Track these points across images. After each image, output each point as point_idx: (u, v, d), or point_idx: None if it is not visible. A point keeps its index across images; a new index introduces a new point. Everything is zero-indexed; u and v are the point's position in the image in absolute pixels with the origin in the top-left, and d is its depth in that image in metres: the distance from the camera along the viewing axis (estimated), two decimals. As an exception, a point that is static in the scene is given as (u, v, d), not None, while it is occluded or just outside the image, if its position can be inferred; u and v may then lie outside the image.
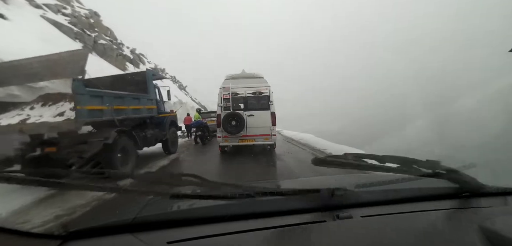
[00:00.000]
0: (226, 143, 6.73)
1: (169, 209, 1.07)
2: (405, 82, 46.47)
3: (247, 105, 6.76)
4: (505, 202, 1.04)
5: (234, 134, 6.50)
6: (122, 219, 0.95)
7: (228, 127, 6.45)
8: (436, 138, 24.68)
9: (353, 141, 11.11)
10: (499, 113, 20.88)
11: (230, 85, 6.72)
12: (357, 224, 0.86)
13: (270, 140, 6.72)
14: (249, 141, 6.69)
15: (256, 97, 6.78)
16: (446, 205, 1.00)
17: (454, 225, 0.86)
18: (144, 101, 6.70)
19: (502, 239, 0.71)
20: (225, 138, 6.65)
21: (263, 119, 6.63)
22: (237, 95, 6.73)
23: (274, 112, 6.68)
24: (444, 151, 18.83)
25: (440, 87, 39.49)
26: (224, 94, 6.63)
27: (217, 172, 5.66)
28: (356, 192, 1.08)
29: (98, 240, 0.81)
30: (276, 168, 5.78)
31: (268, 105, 6.69)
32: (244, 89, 6.81)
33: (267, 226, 0.84)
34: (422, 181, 1.35)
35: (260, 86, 6.86)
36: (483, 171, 1.45)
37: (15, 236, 0.77)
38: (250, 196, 0.97)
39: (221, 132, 6.63)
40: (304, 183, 1.67)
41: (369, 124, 34.77)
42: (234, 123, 6.45)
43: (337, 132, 23.24)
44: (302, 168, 5.63)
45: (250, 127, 6.59)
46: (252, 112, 6.69)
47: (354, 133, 23.87)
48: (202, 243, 0.77)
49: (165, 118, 8.16)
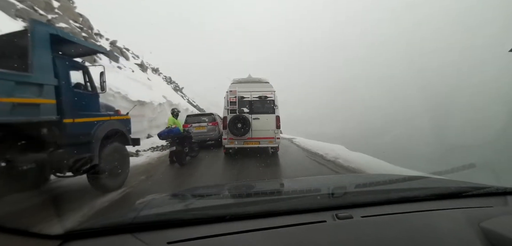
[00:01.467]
0: (231, 145, 6.85)
1: (169, 209, 1.07)
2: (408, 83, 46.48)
3: (253, 109, 6.93)
4: (505, 202, 1.04)
5: (240, 137, 6.67)
6: (122, 219, 0.95)
7: (234, 130, 6.60)
8: (436, 138, 24.71)
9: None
10: (499, 113, 20.88)
11: (237, 89, 6.90)
12: (357, 224, 0.86)
13: (274, 143, 6.87)
14: (254, 144, 6.83)
15: (261, 101, 6.99)
16: (446, 205, 1.00)
17: (454, 225, 0.86)
18: (13, 88, 3.02)
19: (502, 239, 0.71)
20: (230, 140, 6.81)
21: (268, 123, 6.79)
22: (243, 99, 6.90)
23: (278, 115, 6.82)
24: (444, 151, 18.85)
25: (440, 87, 39.52)
26: (231, 98, 6.78)
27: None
28: (356, 192, 1.08)
29: (98, 240, 0.81)
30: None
31: (273, 109, 6.85)
32: (250, 93, 7.00)
33: (267, 226, 0.84)
34: (422, 181, 1.35)
35: (265, 91, 7.00)
36: (483, 171, 1.45)
37: (15, 236, 0.77)
38: (250, 196, 0.97)
39: (227, 134, 6.80)
40: (304, 183, 1.67)
41: (369, 124, 34.82)
42: (240, 125, 6.62)
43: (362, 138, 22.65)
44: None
45: (255, 130, 6.75)
46: (257, 115, 6.81)
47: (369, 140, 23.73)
48: (202, 243, 0.77)
49: (95, 125, 4.17)
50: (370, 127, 33.59)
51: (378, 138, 25.60)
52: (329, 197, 1.01)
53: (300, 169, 6.11)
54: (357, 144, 11.68)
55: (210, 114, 10.27)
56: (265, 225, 0.84)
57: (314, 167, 6.27)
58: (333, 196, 0.99)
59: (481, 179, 1.18)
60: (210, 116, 9.95)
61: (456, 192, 1.08)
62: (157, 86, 18.43)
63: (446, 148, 19.80)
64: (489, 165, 6.13)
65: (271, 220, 0.87)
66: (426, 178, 1.43)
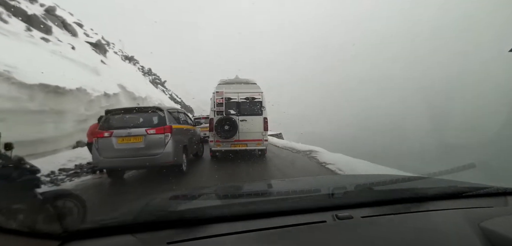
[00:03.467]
0: (218, 147, 6.74)
1: (169, 209, 1.06)
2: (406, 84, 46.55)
3: (240, 110, 6.85)
4: (505, 202, 1.04)
5: (226, 139, 6.57)
6: (122, 219, 0.95)
7: (221, 132, 6.50)
8: (436, 138, 24.73)
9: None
10: (499, 113, 20.90)
11: (224, 90, 6.81)
12: (357, 224, 0.86)
13: (262, 145, 6.80)
14: (241, 146, 6.70)
15: (249, 102, 6.89)
16: (446, 205, 1.00)
17: (454, 225, 0.86)
18: None
19: (502, 239, 0.71)
20: (217, 142, 6.70)
21: (256, 125, 6.70)
22: (230, 100, 6.81)
23: (266, 117, 6.74)
24: (444, 151, 18.86)
25: (441, 87, 39.54)
26: (218, 99, 6.69)
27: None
28: (356, 192, 1.08)
29: (98, 240, 0.81)
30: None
31: (260, 111, 6.76)
32: (237, 94, 6.90)
33: (267, 226, 0.83)
34: (422, 181, 1.35)
35: (253, 92, 6.91)
36: (483, 171, 1.45)
37: (15, 236, 0.77)
38: (250, 196, 0.96)
39: (214, 137, 6.70)
40: (304, 183, 1.67)
41: (370, 125, 34.82)
42: (227, 127, 6.51)
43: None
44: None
45: (242, 132, 6.66)
46: (244, 117, 6.71)
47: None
48: (202, 243, 0.77)
49: None
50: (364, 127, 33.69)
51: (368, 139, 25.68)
52: (329, 197, 1.01)
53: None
54: (340, 145, 11.74)
55: (154, 109, 4.98)
56: (265, 225, 0.84)
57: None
58: (333, 196, 0.99)
59: (481, 179, 1.18)
60: (155, 114, 4.84)
61: (456, 192, 1.08)
62: (113, 72, 14.30)
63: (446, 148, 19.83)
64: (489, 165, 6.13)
65: (271, 220, 0.87)
66: (426, 178, 1.43)
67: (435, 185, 1.25)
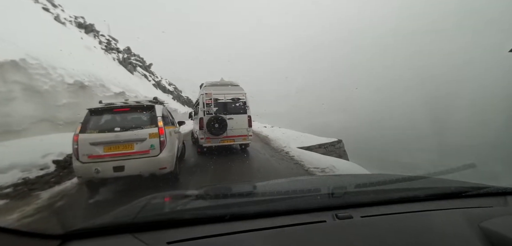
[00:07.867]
0: (209, 144, 7.44)
1: (169, 209, 1.06)
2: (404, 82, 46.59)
3: (227, 110, 7.69)
4: (505, 202, 1.04)
5: (217, 136, 7.35)
6: (122, 219, 0.95)
7: (212, 129, 7.26)
8: (436, 138, 24.74)
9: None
10: (499, 113, 20.90)
11: (212, 92, 7.60)
12: (357, 224, 0.86)
13: (247, 140, 7.78)
14: (229, 141, 7.57)
15: (234, 102, 7.81)
16: (446, 205, 1.00)
17: (454, 225, 0.86)
18: None
19: (502, 239, 0.71)
20: (208, 139, 7.41)
21: (241, 122, 7.61)
22: (218, 101, 7.63)
23: (250, 116, 7.69)
24: (444, 151, 18.85)
25: (441, 87, 39.54)
26: (206, 100, 7.47)
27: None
28: (356, 192, 1.08)
29: (98, 240, 0.81)
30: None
31: (245, 110, 7.68)
32: (224, 95, 7.77)
33: (267, 226, 0.83)
34: (422, 181, 1.35)
35: (237, 93, 7.81)
36: (483, 171, 1.45)
37: (15, 236, 0.77)
38: (249, 196, 0.96)
39: (204, 134, 7.40)
40: (304, 183, 1.67)
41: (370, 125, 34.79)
42: (217, 125, 7.29)
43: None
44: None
45: (230, 129, 7.49)
46: (231, 115, 7.54)
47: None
48: (202, 243, 0.77)
49: None
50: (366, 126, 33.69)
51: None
52: (329, 197, 1.01)
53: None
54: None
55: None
56: (265, 225, 0.83)
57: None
58: (333, 196, 0.99)
59: (481, 179, 1.18)
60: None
61: (456, 192, 1.08)
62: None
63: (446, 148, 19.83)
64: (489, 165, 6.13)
65: (271, 220, 0.87)
66: (426, 178, 1.43)
67: (435, 185, 1.25)
